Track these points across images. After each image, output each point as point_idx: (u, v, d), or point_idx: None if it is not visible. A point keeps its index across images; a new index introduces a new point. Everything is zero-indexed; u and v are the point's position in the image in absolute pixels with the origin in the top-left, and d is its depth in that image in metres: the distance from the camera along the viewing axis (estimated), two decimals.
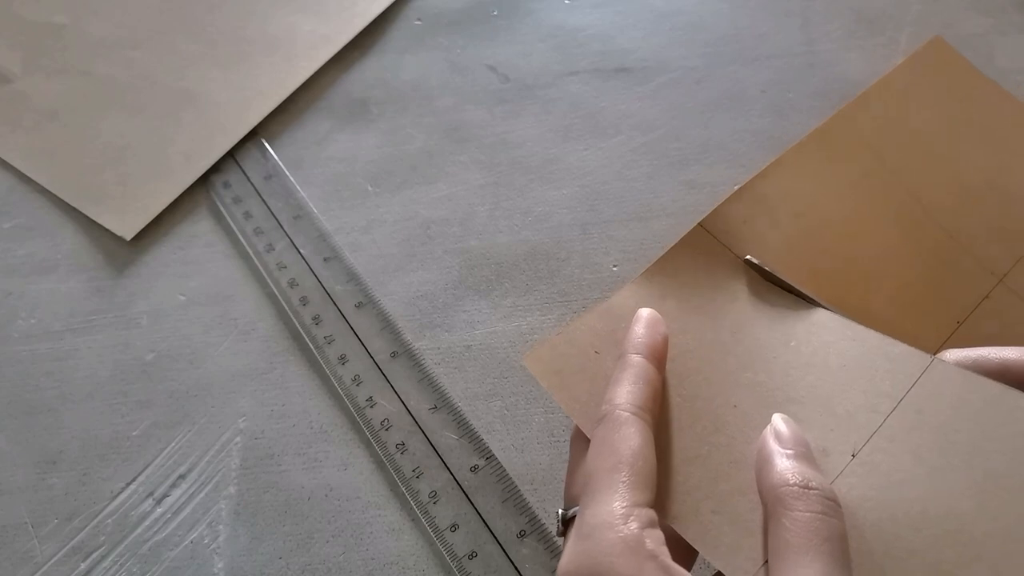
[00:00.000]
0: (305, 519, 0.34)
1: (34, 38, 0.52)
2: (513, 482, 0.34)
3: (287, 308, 0.40)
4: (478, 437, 0.35)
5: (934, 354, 0.23)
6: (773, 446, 0.22)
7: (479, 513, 0.33)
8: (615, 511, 0.20)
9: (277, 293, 0.41)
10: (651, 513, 0.21)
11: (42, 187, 0.46)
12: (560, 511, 0.24)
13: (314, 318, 0.39)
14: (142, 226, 0.44)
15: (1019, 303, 0.28)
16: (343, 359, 0.38)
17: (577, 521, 0.22)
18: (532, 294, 0.40)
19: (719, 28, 0.50)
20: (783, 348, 0.25)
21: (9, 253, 0.44)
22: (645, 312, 0.26)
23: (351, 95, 0.50)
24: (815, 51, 0.48)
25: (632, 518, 0.20)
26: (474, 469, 0.34)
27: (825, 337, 0.25)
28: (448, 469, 0.34)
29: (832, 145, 0.30)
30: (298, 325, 0.39)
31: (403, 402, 0.36)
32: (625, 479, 0.21)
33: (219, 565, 0.34)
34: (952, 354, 0.24)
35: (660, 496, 0.23)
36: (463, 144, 0.46)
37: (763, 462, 0.22)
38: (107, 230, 0.44)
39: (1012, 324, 0.27)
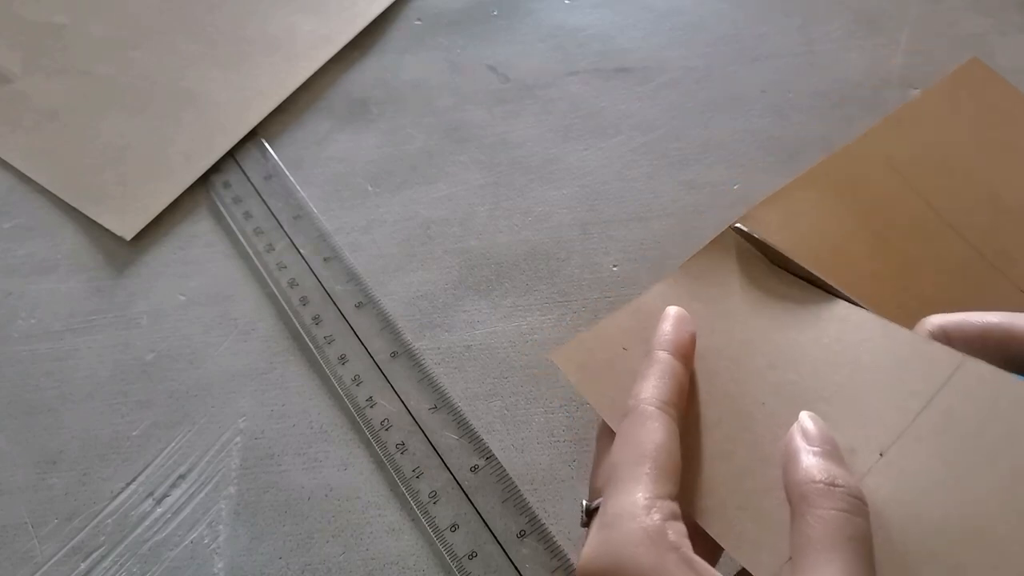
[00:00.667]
0: (305, 519, 0.34)
1: (34, 38, 0.52)
2: (513, 482, 0.34)
3: (287, 308, 0.40)
4: (478, 437, 0.35)
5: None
6: (800, 443, 0.22)
7: (479, 513, 0.33)
8: (638, 502, 0.21)
9: (277, 293, 0.41)
10: (674, 506, 0.21)
11: (42, 187, 0.46)
12: (584, 503, 0.24)
13: (314, 318, 0.39)
14: (142, 226, 0.44)
15: None
16: (343, 359, 0.38)
17: (600, 512, 0.22)
18: (532, 294, 0.40)
19: (719, 28, 0.50)
20: (813, 346, 0.25)
21: (9, 253, 0.44)
22: (673, 310, 0.27)
23: (351, 95, 0.50)
24: (815, 51, 0.48)
25: (655, 509, 0.20)
26: (474, 469, 0.34)
27: (857, 335, 0.25)
28: (448, 469, 0.34)
29: (857, 163, 0.31)
30: (298, 325, 0.39)
31: (403, 402, 0.36)
32: (648, 471, 0.21)
33: (219, 565, 0.34)
34: (936, 319, 0.24)
35: (686, 491, 0.23)
36: (463, 144, 0.46)
37: (789, 459, 0.22)
38: (107, 230, 0.44)
39: None
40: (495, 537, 0.32)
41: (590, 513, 0.23)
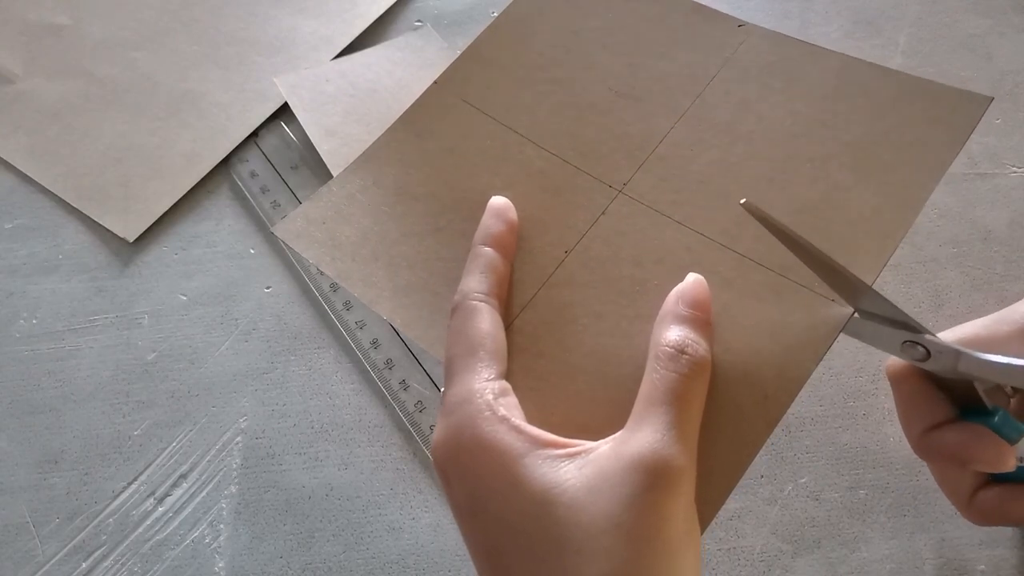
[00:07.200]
0: (306, 518, 0.34)
1: (36, 39, 0.52)
2: None
3: (319, 296, 0.40)
4: None
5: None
6: (673, 305, 0.24)
7: None
8: (471, 387, 0.23)
9: (307, 279, 0.41)
10: (503, 384, 0.24)
11: (44, 187, 0.46)
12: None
13: (345, 304, 0.40)
14: (144, 228, 0.44)
15: (641, 208, 0.29)
16: (375, 343, 0.38)
17: (442, 401, 0.24)
18: None
19: None
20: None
21: (11, 253, 0.44)
22: (495, 202, 0.29)
23: None
24: None
25: (487, 391, 0.23)
26: None
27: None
28: None
29: (433, 111, 0.34)
30: (329, 311, 0.40)
31: (435, 385, 0.37)
32: (479, 358, 0.24)
33: (220, 564, 0.34)
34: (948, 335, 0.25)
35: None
36: None
37: (661, 318, 0.24)
38: (108, 229, 0.44)
39: (633, 231, 0.28)
40: None
41: None
